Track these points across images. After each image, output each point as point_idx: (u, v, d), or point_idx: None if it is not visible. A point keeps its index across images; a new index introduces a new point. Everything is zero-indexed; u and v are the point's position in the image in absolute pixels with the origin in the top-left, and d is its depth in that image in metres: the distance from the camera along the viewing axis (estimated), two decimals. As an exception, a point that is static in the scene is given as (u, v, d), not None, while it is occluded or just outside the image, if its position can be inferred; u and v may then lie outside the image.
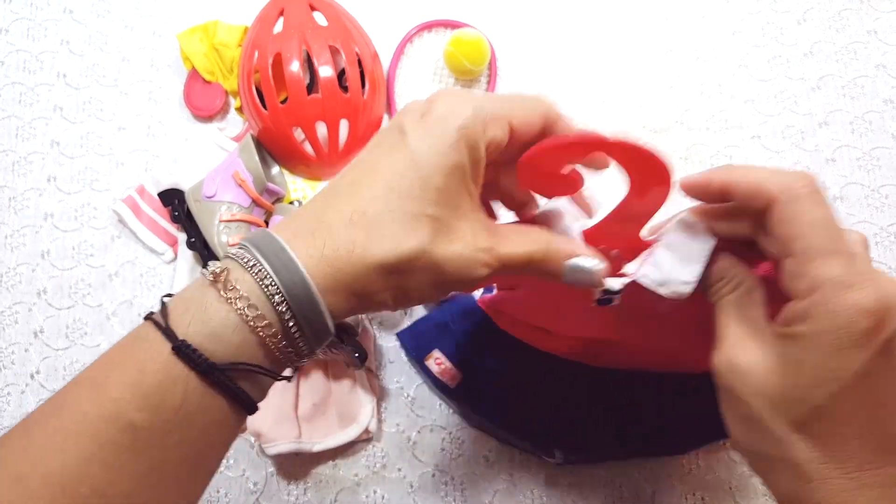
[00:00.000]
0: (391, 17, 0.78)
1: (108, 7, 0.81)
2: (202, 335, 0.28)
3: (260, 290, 0.28)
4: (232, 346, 0.28)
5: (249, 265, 0.29)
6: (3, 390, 0.71)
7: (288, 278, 0.28)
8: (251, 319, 0.28)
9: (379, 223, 0.29)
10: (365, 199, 0.30)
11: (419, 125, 0.31)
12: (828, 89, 0.74)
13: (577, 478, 0.65)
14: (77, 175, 0.76)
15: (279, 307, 0.28)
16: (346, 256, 0.29)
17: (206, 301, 0.28)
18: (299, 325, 0.29)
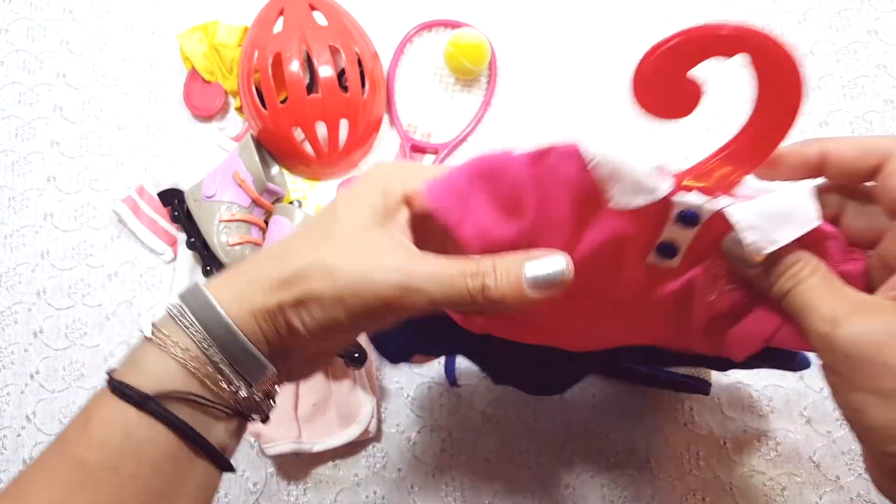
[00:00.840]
0: (391, 17, 0.78)
1: (107, 7, 0.81)
2: (139, 376, 0.31)
3: (185, 335, 0.31)
4: (165, 381, 0.31)
5: (177, 315, 0.32)
6: (2, 390, 0.71)
7: (209, 319, 0.31)
8: (179, 357, 0.31)
9: (289, 248, 0.32)
10: (285, 241, 0.33)
11: (346, 187, 0.35)
12: (828, 89, 0.74)
13: (577, 479, 0.65)
14: (77, 175, 0.76)
15: (202, 345, 0.31)
16: (256, 281, 0.32)
17: (145, 352, 0.32)
18: (223, 357, 0.31)
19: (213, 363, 0.31)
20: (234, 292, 0.32)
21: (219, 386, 0.32)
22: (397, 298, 0.30)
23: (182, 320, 0.31)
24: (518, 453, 0.66)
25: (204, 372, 0.31)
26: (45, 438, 0.69)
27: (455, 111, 0.76)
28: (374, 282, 0.30)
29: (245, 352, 0.32)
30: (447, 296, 0.30)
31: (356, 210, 0.32)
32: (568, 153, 0.31)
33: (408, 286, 0.30)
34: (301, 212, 0.67)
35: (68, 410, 0.70)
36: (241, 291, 0.32)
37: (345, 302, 0.30)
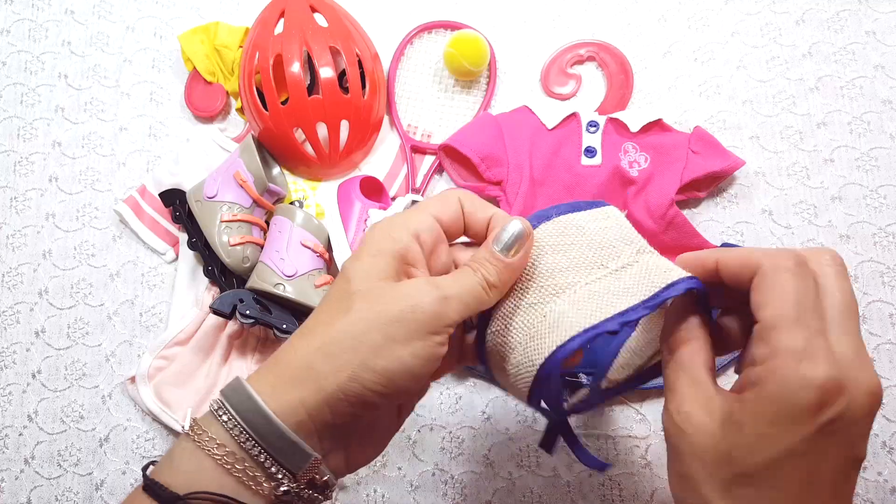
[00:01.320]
0: (391, 19, 0.79)
1: (109, 8, 0.81)
2: (172, 475, 0.31)
3: (223, 429, 0.31)
4: (197, 479, 0.31)
5: (215, 409, 0.32)
6: (4, 390, 0.71)
7: (247, 411, 0.31)
8: (214, 453, 0.31)
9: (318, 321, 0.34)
10: (311, 318, 0.34)
11: (353, 255, 0.35)
12: (826, 90, 0.75)
13: (576, 477, 0.65)
14: (78, 175, 0.76)
15: (240, 438, 0.31)
16: (295, 360, 0.32)
17: (181, 448, 0.32)
18: (263, 449, 0.31)
19: (252, 457, 0.31)
20: (276, 378, 0.32)
21: (257, 482, 0.31)
22: (442, 311, 0.32)
23: (220, 415, 0.32)
24: (518, 452, 0.66)
25: (241, 468, 0.31)
26: (46, 438, 0.69)
27: (455, 112, 0.77)
28: (419, 305, 0.32)
29: (285, 440, 0.31)
30: (471, 294, 0.33)
31: (367, 264, 0.34)
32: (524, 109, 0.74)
33: (444, 296, 0.32)
34: (302, 212, 0.67)
35: (70, 410, 0.70)
36: (284, 375, 0.32)
37: (397, 338, 0.31)
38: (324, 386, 0.31)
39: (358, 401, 0.31)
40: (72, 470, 0.69)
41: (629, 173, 0.70)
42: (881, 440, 0.64)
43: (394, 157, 0.76)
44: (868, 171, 0.72)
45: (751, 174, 0.73)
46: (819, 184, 0.72)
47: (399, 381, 0.32)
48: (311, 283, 0.65)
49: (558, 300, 0.35)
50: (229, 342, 0.69)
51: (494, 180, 0.71)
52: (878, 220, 0.70)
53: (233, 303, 0.63)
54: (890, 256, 0.69)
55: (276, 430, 0.31)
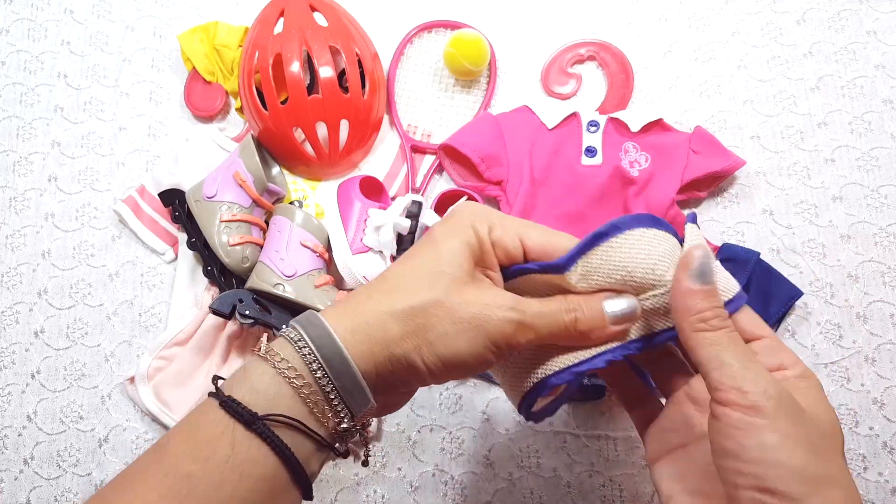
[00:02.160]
0: (391, 18, 0.78)
1: (108, 8, 0.81)
2: (250, 394, 0.32)
3: (301, 360, 0.32)
4: (276, 403, 0.32)
5: (294, 340, 0.33)
6: (3, 390, 0.71)
7: (325, 347, 0.32)
8: (293, 381, 0.32)
9: (400, 283, 0.35)
10: (393, 276, 0.35)
11: (440, 223, 0.37)
12: (827, 90, 0.74)
13: (577, 478, 0.65)
14: (78, 175, 0.76)
15: (316, 373, 0.32)
16: (373, 313, 0.34)
17: (257, 370, 0.33)
18: (335, 387, 0.33)
19: (323, 392, 0.32)
20: (352, 323, 0.33)
21: (325, 415, 0.33)
22: (511, 334, 0.33)
23: (299, 344, 0.33)
24: (518, 453, 0.66)
25: (314, 399, 0.32)
26: (45, 438, 0.69)
27: (455, 112, 0.77)
28: (492, 318, 0.33)
29: (355, 383, 0.33)
30: (550, 329, 0.34)
31: (457, 250, 0.35)
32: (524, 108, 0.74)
33: (522, 321, 0.33)
34: (301, 212, 0.67)
35: (69, 410, 0.70)
36: (360, 323, 0.33)
37: (465, 336, 0.33)
38: (392, 350, 0.33)
39: (412, 371, 0.33)
40: (71, 470, 0.68)
41: (630, 173, 0.70)
42: (882, 440, 0.64)
43: (394, 156, 0.76)
44: (869, 171, 0.72)
45: (751, 174, 0.72)
46: (820, 184, 0.72)
47: (451, 369, 0.34)
48: (310, 284, 0.65)
49: None
50: (229, 342, 0.68)
51: (494, 180, 0.71)
52: (879, 219, 0.70)
53: (232, 303, 0.63)
54: (891, 256, 0.69)
55: (350, 372, 0.32)
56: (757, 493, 0.29)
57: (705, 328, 0.32)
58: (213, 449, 0.31)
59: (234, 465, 0.30)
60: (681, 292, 0.33)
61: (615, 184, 0.70)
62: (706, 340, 0.32)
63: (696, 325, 0.32)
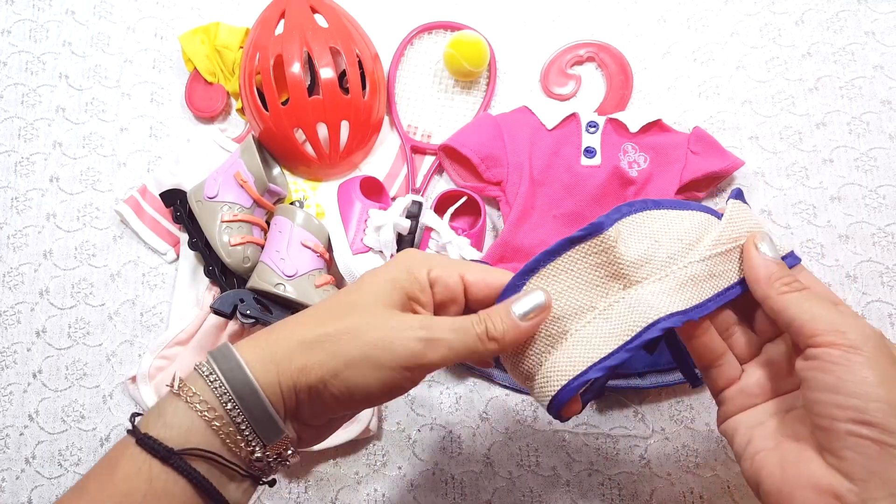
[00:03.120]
0: (391, 19, 0.79)
1: (110, 9, 0.81)
2: (165, 430, 0.33)
3: (212, 392, 0.33)
4: (190, 437, 0.33)
5: (205, 374, 0.34)
6: (5, 389, 0.71)
7: (235, 379, 0.33)
8: (205, 414, 0.33)
9: (315, 315, 0.36)
10: (312, 309, 0.37)
11: (374, 272, 0.38)
12: (825, 90, 0.75)
13: (576, 476, 0.66)
14: (79, 175, 0.76)
15: (227, 405, 0.33)
16: (283, 342, 0.34)
17: (171, 406, 0.33)
18: (245, 417, 0.33)
19: (234, 423, 0.33)
20: (262, 354, 0.34)
21: (238, 446, 0.33)
22: (421, 352, 0.34)
23: (210, 378, 0.33)
24: (517, 452, 0.67)
25: (226, 431, 0.33)
26: (47, 437, 0.70)
27: (455, 112, 0.77)
28: (398, 338, 0.34)
29: (264, 413, 0.33)
30: (463, 342, 0.35)
31: (379, 285, 0.36)
32: (524, 109, 0.74)
33: (430, 338, 0.34)
34: (302, 212, 0.68)
35: (71, 409, 0.70)
36: (269, 353, 0.34)
37: (371, 360, 0.33)
38: (298, 379, 0.34)
39: (317, 399, 0.34)
40: (72, 470, 0.69)
41: (629, 173, 0.70)
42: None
43: (394, 157, 0.76)
44: (867, 172, 0.72)
45: (750, 174, 0.73)
46: (818, 184, 0.72)
47: (357, 397, 0.34)
48: (311, 283, 0.65)
49: (574, 326, 0.38)
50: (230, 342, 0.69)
51: (494, 180, 0.72)
52: (878, 220, 0.71)
53: (233, 302, 0.63)
54: (889, 256, 0.69)
55: (260, 402, 0.33)
56: (854, 426, 0.30)
57: (790, 290, 0.36)
58: (130, 486, 0.32)
59: (151, 499, 0.31)
60: (759, 263, 0.37)
61: (614, 184, 0.70)
62: (795, 300, 0.35)
63: (781, 288, 0.36)
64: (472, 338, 0.35)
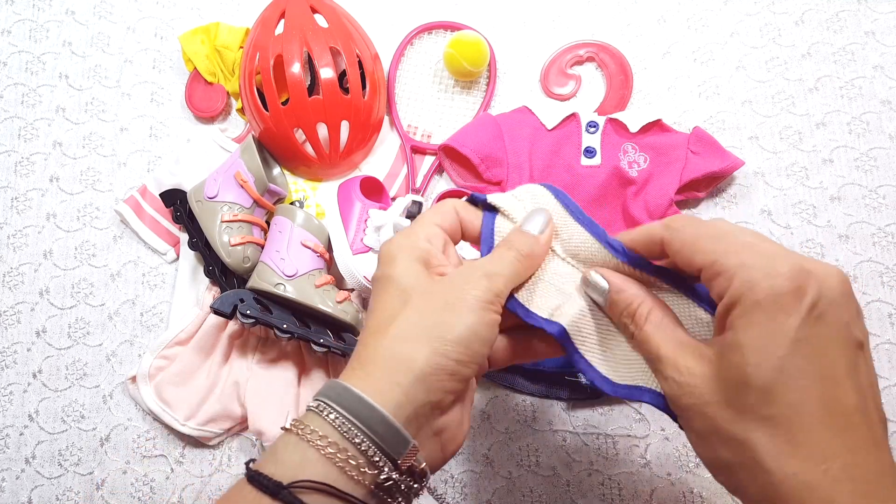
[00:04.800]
0: (391, 19, 0.79)
1: (110, 9, 0.81)
2: (275, 466, 0.32)
3: (323, 421, 0.32)
4: (302, 470, 0.31)
5: (318, 409, 0.33)
6: (5, 389, 0.71)
7: (345, 399, 0.33)
8: (317, 443, 0.32)
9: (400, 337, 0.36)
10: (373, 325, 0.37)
11: (381, 264, 0.39)
12: (825, 90, 0.75)
13: (576, 476, 0.66)
14: (79, 175, 0.76)
15: (341, 427, 0.32)
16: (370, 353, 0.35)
17: (283, 442, 0.33)
18: (366, 434, 0.32)
19: (353, 445, 0.32)
20: (365, 376, 0.34)
21: (359, 470, 0.32)
22: (488, 287, 0.35)
23: (321, 410, 0.32)
24: (517, 452, 0.67)
25: (343, 457, 0.31)
26: (47, 437, 0.70)
27: (455, 112, 0.77)
28: (468, 285, 0.35)
29: (385, 424, 0.32)
30: (511, 267, 0.37)
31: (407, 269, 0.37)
32: (524, 109, 0.74)
33: (489, 273, 0.36)
34: (302, 212, 0.68)
35: (71, 409, 0.70)
36: (373, 373, 0.34)
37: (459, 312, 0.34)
38: (412, 366, 0.33)
39: (444, 372, 0.33)
40: (73, 469, 0.69)
41: (629, 173, 0.70)
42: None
43: (394, 157, 0.76)
44: (867, 172, 0.72)
45: (750, 174, 0.73)
46: (818, 184, 0.72)
47: (474, 346, 0.34)
48: (311, 283, 0.65)
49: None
50: (230, 342, 0.69)
51: (494, 180, 0.72)
52: (877, 220, 0.71)
53: (233, 302, 0.63)
54: (889, 256, 0.69)
55: (377, 415, 0.32)
56: None
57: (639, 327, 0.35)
58: None
59: None
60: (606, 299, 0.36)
61: (614, 184, 0.70)
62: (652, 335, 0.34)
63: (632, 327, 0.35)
64: (515, 262, 0.37)
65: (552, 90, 0.76)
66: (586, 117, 0.72)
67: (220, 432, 0.68)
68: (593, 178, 0.70)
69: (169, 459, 0.68)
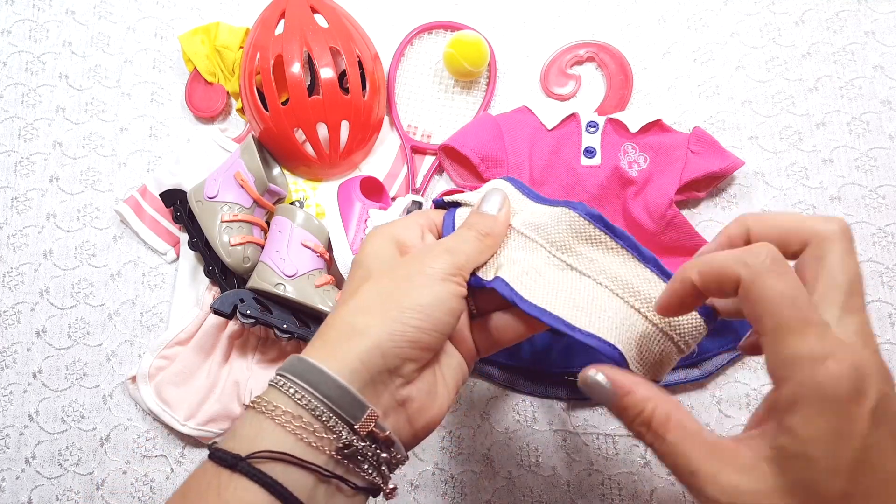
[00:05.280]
0: (391, 19, 0.79)
1: (110, 9, 0.81)
2: (233, 440, 0.32)
3: (278, 391, 0.33)
4: (259, 441, 0.31)
5: (275, 381, 0.33)
6: (5, 389, 0.71)
7: (295, 367, 0.33)
8: (273, 413, 0.32)
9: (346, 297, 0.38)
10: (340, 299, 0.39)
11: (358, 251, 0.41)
12: (825, 90, 0.75)
13: (576, 476, 0.66)
14: (79, 175, 0.76)
15: (295, 395, 0.32)
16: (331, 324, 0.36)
17: (242, 419, 0.33)
18: (319, 399, 0.32)
19: (309, 412, 0.32)
20: (322, 345, 0.34)
21: (317, 437, 0.32)
22: (449, 261, 0.37)
23: (278, 382, 0.33)
24: (517, 452, 0.67)
25: (298, 424, 0.31)
26: (47, 437, 0.70)
27: (455, 112, 0.77)
28: (428, 257, 0.37)
29: (338, 388, 0.32)
30: (471, 244, 0.39)
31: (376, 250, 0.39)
32: (524, 109, 0.74)
33: (449, 248, 0.38)
34: (302, 212, 0.68)
35: (71, 409, 0.70)
36: (331, 342, 0.34)
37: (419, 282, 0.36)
38: (370, 333, 0.33)
39: (403, 338, 0.34)
40: (73, 469, 0.69)
41: (628, 173, 0.70)
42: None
43: (394, 157, 0.76)
44: (867, 172, 0.72)
45: (750, 174, 0.73)
46: (818, 184, 0.72)
47: (435, 313, 0.35)
48: (311, 283, 0.65)
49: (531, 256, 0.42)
50: (230, 342, 0.69)
51: (494, 180, 0.72)
52: (877, 220, 0.71)
53: (233, 302, 0.63)
54: (889, 256, 0.69)
55: (329, 380, 0.32)
56: None
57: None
58: (200, 498, 0.30)
59: None
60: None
61: (614, 184, 0.70)
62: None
63: None
64: (474, 240, 0.39)
65: (552, 90, 0.76)
66: (586, 117, 0.72)
67: (221, 432, 0.68)
68: (593, 178, 0.70)
69: (169, 459, 0.68)
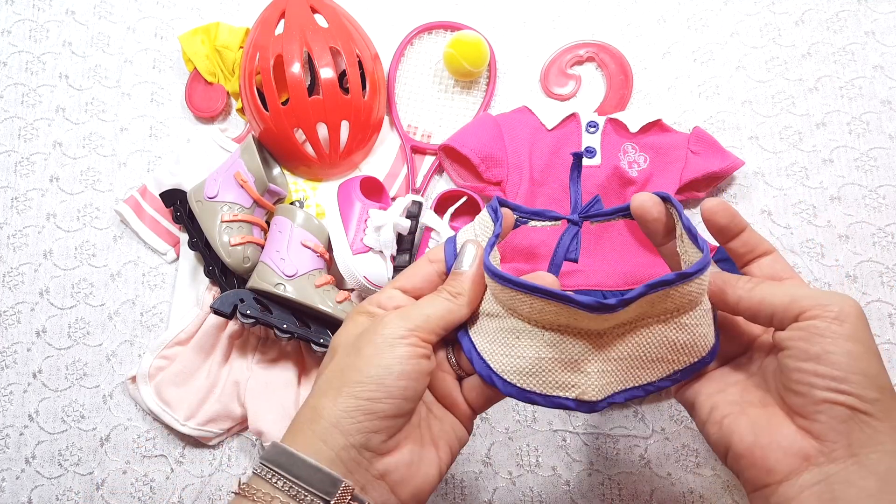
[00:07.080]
0: (391, 19, 0.79)
1: (110, 9, 0.81)
2: None
3: (262, 480, 0.34)
4: None
5: (256, 470, 0.35)
6: (5, 389, 0.71)
7: (269, 452, 0.35)
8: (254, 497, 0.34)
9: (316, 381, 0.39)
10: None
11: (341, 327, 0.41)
12: (825, 90, 0.75)
13: (576, 476, 0.66)
14: (79, 175, 0.76)
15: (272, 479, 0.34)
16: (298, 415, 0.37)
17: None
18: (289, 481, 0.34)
19: (283, 491, 0.34)
20: (292, 436, 0.36)
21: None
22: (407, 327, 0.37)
23: (258, 469, 0.35)
24: (517, 452, 0.67)
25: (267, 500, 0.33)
26: (47, 437, 0.70)
27: (455, 112, 0.77)
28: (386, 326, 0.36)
29: (308, 468, 0.34)
30: (436, 307, 0.38)
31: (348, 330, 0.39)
32: (524, 109, 0.74)
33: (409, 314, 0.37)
34: (302, 212, 0.68)
35: (71, 409, 0.70)
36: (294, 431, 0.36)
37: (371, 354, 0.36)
38: (323, 413, 0.35)
39: (359, 412, 0.35)
40: (73, 469, 0.69)
41: (628, 173, 0.70)
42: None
43: (394, 157, 0.76)
44: (867, 172, 0.72)
45: (750, 174, 0.73)
46: (818, 184, 0.72)
47: (387, 381, 0.35)
48: (311, 283, 0.65)
49: None
50: (230, 342, 0.69)
51: (494, 180, 0.72)
52: (877, 220, 0.71)
53: (233, 302, 0.63)
54: (889, 256, 0.69)
55: (297, 460, 0.34)
56: (831, 393, 0.32)
57: (752, 285, 0.37)
58: None
59: None
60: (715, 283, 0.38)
61: (614, 184, 0.70)
62: (764, 287, 0.36)
63: (746, 284, 0.37)
64: (443, 302, 0.38)
65: (552, 90, 0.76)
66: (586, 117, 0.72)
67: (220, 432, 0.68)
68: (593, 178, 0.70)
69: (169, 459, 0.68)
